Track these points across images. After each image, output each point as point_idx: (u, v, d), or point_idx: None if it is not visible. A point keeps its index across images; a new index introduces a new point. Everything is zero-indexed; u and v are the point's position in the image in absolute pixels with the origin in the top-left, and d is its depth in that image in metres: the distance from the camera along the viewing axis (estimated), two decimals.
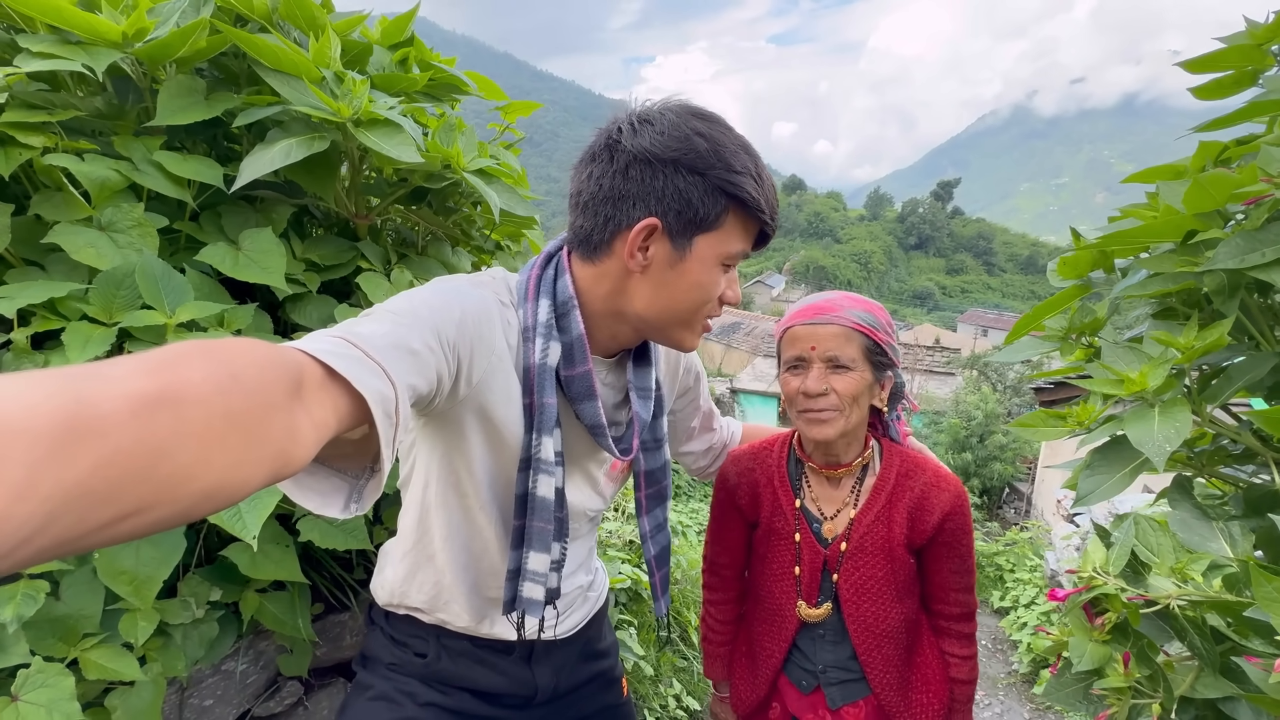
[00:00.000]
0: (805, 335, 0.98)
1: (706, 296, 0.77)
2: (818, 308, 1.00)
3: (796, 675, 1.10)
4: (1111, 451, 0.96)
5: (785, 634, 1.09)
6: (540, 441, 0.77)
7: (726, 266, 0.78)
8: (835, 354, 0.96)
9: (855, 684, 1.07)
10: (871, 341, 0.98)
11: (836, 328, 0.97)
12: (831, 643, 1.07)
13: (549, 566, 0.81)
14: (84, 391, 0.30)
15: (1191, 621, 0.76)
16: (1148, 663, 0.79)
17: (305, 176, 1.06)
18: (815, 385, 0.96)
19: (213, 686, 1.10)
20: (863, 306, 1.00)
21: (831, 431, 0.98)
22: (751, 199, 0.74)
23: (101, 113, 1.00)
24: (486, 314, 0.74)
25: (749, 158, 0.75)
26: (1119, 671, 0.81)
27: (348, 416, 0.48)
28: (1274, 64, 1.04)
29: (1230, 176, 0.83)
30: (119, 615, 0.85)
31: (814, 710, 1.09)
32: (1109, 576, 0.80)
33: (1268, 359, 0.89)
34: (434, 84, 1.36)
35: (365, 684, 0.92)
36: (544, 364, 0.76)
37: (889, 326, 1.02)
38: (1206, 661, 0.74)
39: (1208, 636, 0.74)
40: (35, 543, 0.28)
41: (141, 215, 0.91)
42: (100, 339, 0.82)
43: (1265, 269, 0.77)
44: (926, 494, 1.03)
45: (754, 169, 0.75)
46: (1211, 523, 0.90)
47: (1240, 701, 0.72)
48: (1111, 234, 1.03)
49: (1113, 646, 0.83)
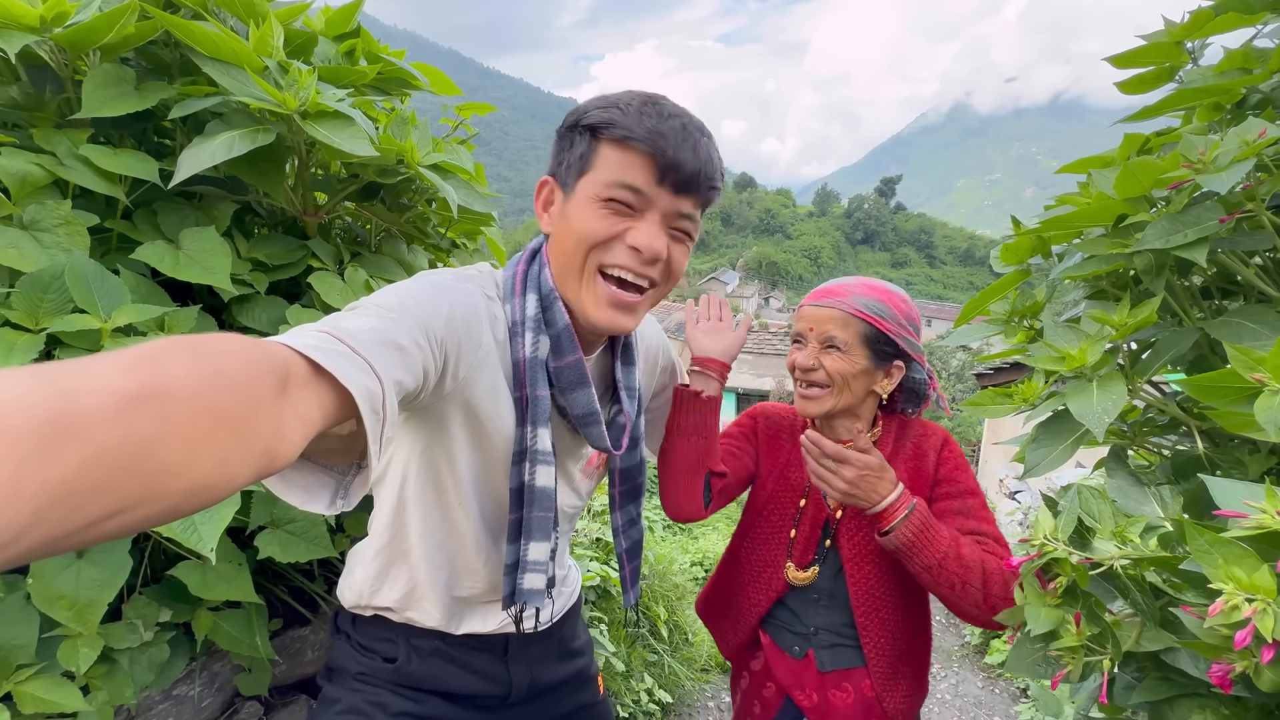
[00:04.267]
0: (808, 315, 1.03)
1: (583, 234, 0.73)
2: (828, 291, 1.04)
3: (787, 641, 1.11)
4: (1054, 425, 1.02)
5: (769, 593, 1.11)
6: (535, 433, 0.77)
7: (609, 203, 0.72)
8: (831, 335, 1.00)
9: (848, 650, 1.07)
10: (872, 329, 1.00)
11: (837, 312, 1.00)
12: (825, 606, 1.08)
13: (548, 555, 0.81)
14: (66, 388, 0.30)
15: (1133, 579, 0.81)
16: (1096, 621, 0.84)
17: (250, 172, 1.01)
18: (806, 360, 1.01)
19: (163, 713, 1.04)
20: (876, 295, 1.02)
21: (816, 408, 1.02)
22: (608, 120, 0.71)
23: (17, 103, 0.93)
24: (474, 309, 0.74)
25: (630, 97, 0.73)
26: (1071, 632, 0.85)
27: (334, 412, 0.47)
28: (1190, 60, 1.13)
29: (1156, 163, 0.89)
30: (58, 642, 0.79)
31: (802, 687, 1.09)
32: (1059, 542, 0.85)
33: (1190, 334, 0.96)
34: (383, 77, 1.31)
35: (332, 698, 0.89)
36: (534, 357, 0.76)
37: (903, 319, 1.03)
38: (1148, 616, 0.79)
39: (1148, 593, 0.80)
40: (21, 543, 0.28)
41: (69, 213, 0.84)
42: (26, 346, 0.76)
43: (1188, 248, 0.83)
44: (919, 444, 1.07)
45: (622, 103, 0.72)
46: (1145, 488, 0.96)
47: (1180, 651, 0.77)
48: (1049, 219, 1.09)
49: (1064, 609, 0.87)
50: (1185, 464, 1.03)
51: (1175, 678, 0.83)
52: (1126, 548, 0.84)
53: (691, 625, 3.41)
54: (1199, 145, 0.84)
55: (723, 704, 2.96)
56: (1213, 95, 0.99)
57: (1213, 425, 1.02)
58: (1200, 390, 0.74)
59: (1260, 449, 0.99)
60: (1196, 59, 1.13)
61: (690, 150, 0.72)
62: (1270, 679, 0.59)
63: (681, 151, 0.71)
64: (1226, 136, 0.83)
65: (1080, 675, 0.85)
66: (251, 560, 1.02)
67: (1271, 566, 0.54)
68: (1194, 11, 1.09)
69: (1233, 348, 0.68)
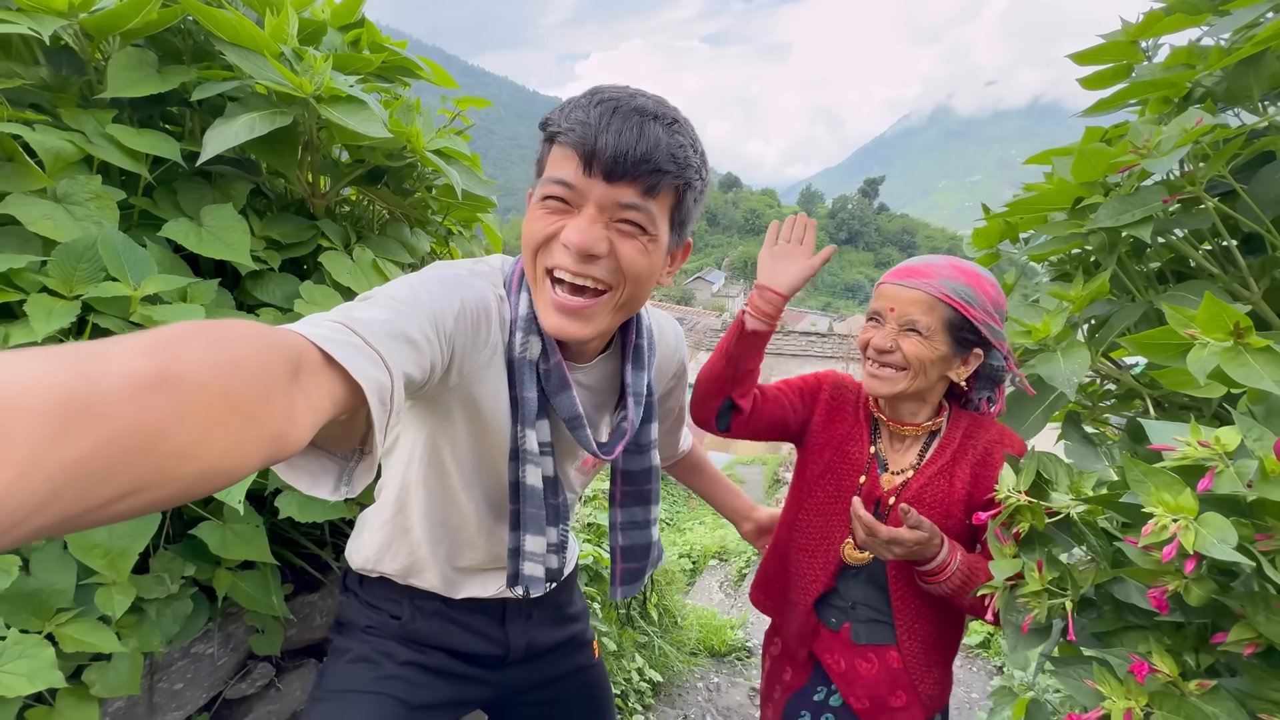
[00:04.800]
0: (890, 294, 0.98)
1: (526, 237, 0.72)
2: (912, 269, 0.98)
3: (827, 614, 1.10)
4: (1027, 396, 1.11)
5: (827, 569, 1.08)
6: (524, 433, 0.77)
7: (545, 200, 0.70)
8: (913, 319, 0.95)
9: (882, 626, 1.06)
10: (958, 315, 0.95)
11: (921, 294, 0.95)
12: (865, 583, 1.07)
13: (546, 549, 0.83)
14: (85, 370, 0.30)
15: (1087, 524, 0.90)
16: (1056, 565, 0.92)
17: (267, 153, 1.06)
18: (882, 342, 0.97)
19: (182, 670, 1.09)
20: (965, 279, 0.96)
21: (885, 389, 0.99)
22: (548, 120, 0.69)
23: (46, 84, 0.97)
24: (484, 305, 0.74)
25: (584, 93, 0.69)
26: (1035, 577, 0.93)
27: (343, 402, 0.48)
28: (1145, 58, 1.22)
29: (1108, 150, 0.98)
30: (93, 590, 0.84)
31: (831, 652, 1.09)
32: (1020, 494, 0.93)
33: (1139, 307, 1.05)
34: (387, 66, 1.37)
35: (343, 648, 0.93)
36: (523, 357, 0.76)
37: (991, 305, 0.97)
38: (1100, 555, 0.87)
39: (1100, 535, 0.88)
40: (35, 520, 0.28)
41: (99, 188, 0.89)
42: (63, 311, 0.81)
43: (1135, 226, 0.92)
44: (990, 450, 1.02)
45: (573, 100, 0.69)
46: (1096, 448, 1.05)
47: (1129, 586, 0.86)
48: (1015, 204, 1.18)
49: (1025, 556, 0.95)
50: (1137, 429, 1.13)
51: (1128, 617, 0.92)
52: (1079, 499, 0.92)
53: (680, 611, 3.48)
54: (1145, 133, 0.93)
55: (711, 684, 3.04)
56: (1161, 89, 1.08)
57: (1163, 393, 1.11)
58: (1143, 347, 0.83)
59: (1204, 414, 1.09)
60: (1150, 57, 1.23)
61: (619, 133, 0.65)
62: (1197, 594, 0.67)
63: (606, 135, 0.65)
64: (1169, 125, 0.91)
65: (1045, 615, 0.94)
66: (266, 526, 1.07)
67: (1193, 489, 0.62)
68: (1147, 12, 1.19)
69: (1170, 307, 0.76)
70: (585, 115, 0.66)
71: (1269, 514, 0.59)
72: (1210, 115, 0.90)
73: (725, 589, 5.74)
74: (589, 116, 0.66)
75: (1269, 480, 0.57)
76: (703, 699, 2.93)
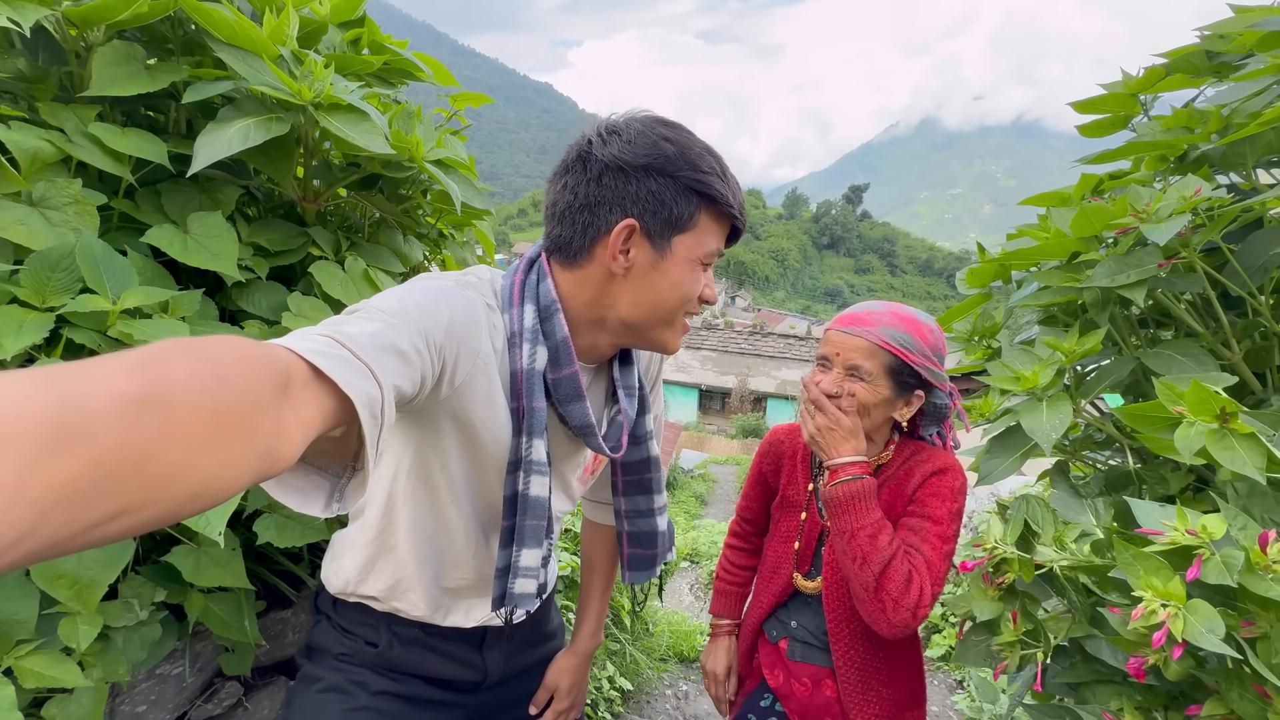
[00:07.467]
0: (835, 340, 1.05)
1: (687, 295, 0.80)
2: (855, 317, 1.05)
3: (770, 627, 1.19)
4: (1006, 439, 1.13)
5: (776, 594, 1.17)
6: (531, 444, 0.78)
7: (704, 265, 0.81)
8: (856, 364, 1.02)
9: (817, 651, 1.13)
10: (898, 361, 1.01)
11: (864, 342, 1.02)
12: (813, 610, 1.14)
13: (540, 562, 0.82)
14: (69, 391, 0.30)
15: (1069, 580, 0.91)
16: (1030, 619, 0.94)
17: (261, 160, 1.01)
18: (830, 386, 1.03)
19: (146, 692, 1.05)
20: (904, 326, 1.03)
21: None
22: (720, 195, 0.78)
23: (23, 74, 0.91)
24: (474, 317, 0.74)
25: (713, 159, 0.79)
26: (1010, 628, 0.95)
27: (333, 416, 0.47)
28: (1143, 111, 1.25)
29: (1107, 208, 0.99)
30: (56, 619, 0.80)
31: (770, 666, 1.17)
32: (1008, 546, 0.95)
33: (1128, 363, 1.08)
34: (388, 68, 1.32)
35: (313, 676, 0.90)
36: (531, 368, 0.77)
37: (929, 349, 1.04)
38: (1080, 611, 0.89)
39: (1081, 591, 0.90)
40: (23, 546, 0.27)
41: (79, 192, 0.84)
42: (35, 325, 0.76)
43: (1129, 288, 0.93)
44: (913, 469, 1.08)
45: (719, 169, 0.79)
46: (1082, 500, 1.08)
47: (1100, 641, 0.88)
48: (1011, 251, 1.19)
49: (1004, 604, 0.97)
50: (1117, 478, 1.16)
51: (1098, 669, 0.94)
52: (1064, 553, 0.94)
53: (652, 616, 3.49)
54: (1144, 197, 0.94)
55: (679, 692, 3.06)
56: (1159, 149, 1.10)
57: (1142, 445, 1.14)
58: (1132, 418, 0.84)
59: (1180, 467, 1.12)
60: (1148, 110, 1.25)
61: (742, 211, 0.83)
62: (1176, 670, 0.69)
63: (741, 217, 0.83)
64: (1168, 191, 0.93)
65: (1017, 666, 0.96)
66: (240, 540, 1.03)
67: (1182, 577, 0.63)
68: (1148, 68, 1.21)
69: (1160, 383, 0.78)
70: (741, 198, 0.83)
71: (1253, 602, 0.61)
72: (1207, 183, 0.92)
73: (695, 591, 5.78)
74: (741, 199, 0.83)
75: (1254, 572, 0.58)
76: (671, 706, 2.95)
